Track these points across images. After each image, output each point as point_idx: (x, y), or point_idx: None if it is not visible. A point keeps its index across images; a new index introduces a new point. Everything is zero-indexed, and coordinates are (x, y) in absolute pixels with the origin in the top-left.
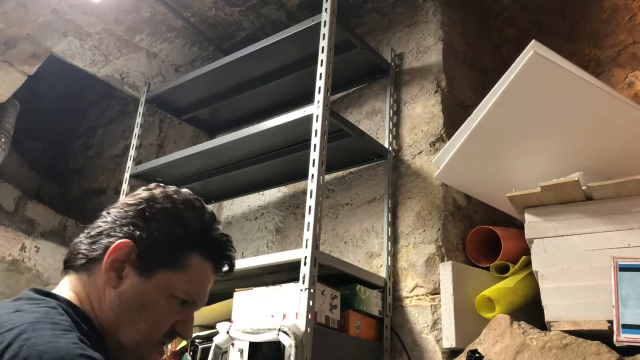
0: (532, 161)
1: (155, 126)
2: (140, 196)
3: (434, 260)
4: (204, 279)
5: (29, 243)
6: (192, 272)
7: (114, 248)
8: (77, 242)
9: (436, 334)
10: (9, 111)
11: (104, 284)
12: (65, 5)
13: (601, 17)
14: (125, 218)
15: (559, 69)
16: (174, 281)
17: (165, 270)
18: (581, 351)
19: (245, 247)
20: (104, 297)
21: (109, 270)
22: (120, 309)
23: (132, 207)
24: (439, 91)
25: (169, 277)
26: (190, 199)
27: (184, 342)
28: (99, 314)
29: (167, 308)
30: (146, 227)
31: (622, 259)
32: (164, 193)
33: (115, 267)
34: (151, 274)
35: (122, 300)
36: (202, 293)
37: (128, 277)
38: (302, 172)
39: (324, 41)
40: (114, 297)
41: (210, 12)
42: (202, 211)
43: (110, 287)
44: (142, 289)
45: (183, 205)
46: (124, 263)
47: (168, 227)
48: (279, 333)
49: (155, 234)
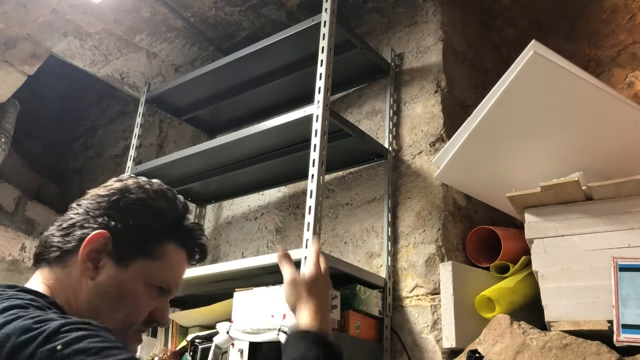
0: (532, 161)
1: (155, 126)
2: (113, 187)
3: (434, 260)
4: (179, 267)
5: (29, 243)
6: (168, 260)
7: (90, 239)
8: (48, 234)
9: (436, 334)
10: (9, 111)
11: (80, 275)
12: (65, 5)
13: (601, 17)
14: (98, 209)
15: (559, 69)
16: (151, 270)
17: (141, 260)
18: (581, 351)
19: (245, 247)
20: (79, 289)
21: (86, 262)
22: (99, 300)
23: (104, 198)
24: (439, 91)
25: (145, 266)
26: (163, 189)
27: (184, 342)
28: (74, 307)
29: (146, 296)
30: (121, 218)
31: (622, 259)
32: (137, 184)
33: (92, 258)
34: (128, 263)
35: (100, 291)
36: (178, 281)
37: (105, 268)
38: (302, 172)
39: (324, 41)
40: (92, 288)
41: (210, 12)
42: (175, 201)
43: (87, 278)
44: (120, 279)
45: (156, 195)
46: (100, 254)
47: (143, 217)
48: (279, 333)
49: (131, 224)
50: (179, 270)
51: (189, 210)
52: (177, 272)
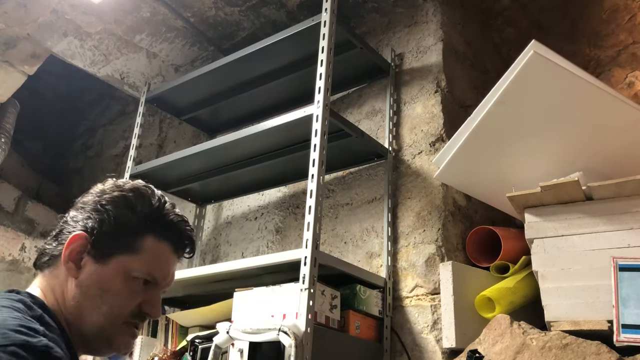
0: (532, 161)
1: (155, 126)
2: (92, 191)
3: (434, 260)
4: (163, 259)
5: (29, 243)
6: (147, 253)
7: (69, 241)
8: (43, 244)
9: (436, 334)
10: (9, 111)
11: (66, 276)
12: (65, 5)
13: (601, 17)
14: (82, 213)
15: (559, 69)
16: (130, 263)
17: (120, 255)
18: (581, 351)
19: (245, 247)
20: (66, 288)
21: (68, 262)
22: (82, 297)
23: (86, 203)
24: (439, 91)
25: (124, 260)
26: (137, 186)
27: (184, 342)
28: (62, 307)
29: (128, 289)
30: (98, 217)
31: (622, 259)
32: (113, 184)
33: (74, 258)
34: (107, 259)
35: (82, 288)
36: (163, 272)
37: (86, 266)
38: (302, 172)
39: (324, 41)
40: (75, 286)
41: (210, 12)
42: (150, 196)
43: (72, 277)
44: (100, 274)
45: (131, 193)
46: (81, 254)
47: (118, 214)
48: (279, 333)
49: (106, 222)
50: (162, 262)
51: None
52: (161, 264)
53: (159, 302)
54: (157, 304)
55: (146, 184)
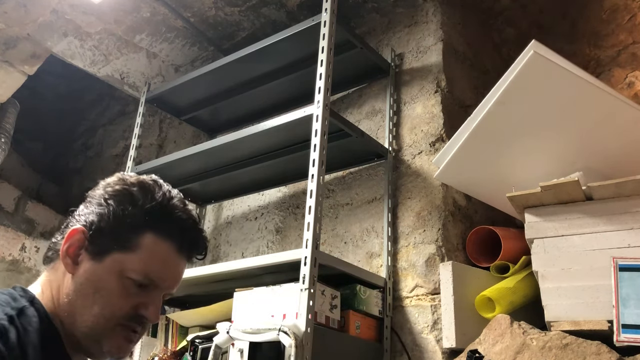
0: (532, 161)
1: (155, 126)
2: (100, 185)
3: (434, 260)
4: (163, 259)
5: (29, 243)
6: (145, 252)
7: (67, 235)
8: (52, 240)
9: (436, 334)
10: (9, 111)
11: (63, 271)
12: (65, 5)
13: (601, 17)
14: (87, 208)
15: (559, 69)
16: (126, 262)
17: (116, 252)
18: (581, 351)
19: (245, 247)
20: (62, 285)
21: (65, 257)
22: (75, 295)
23: (93, 197)
24: (439, 91)
25: (120, 258)
26: (142, 180)
27: (184, 342)
28: (56, 303)
29: (121, 290)
30: (99, 212)
31: (622, 259)
32: (117, 177)
33: (71, 254)
34: (102, 256)
35: (76, 285)
36: (163, 274)
37: (83, 262)
38: (302, 172)
39: (324, 41)
40: (70, 282)
41: (210, 12)
42: (155, 190)
43: (68, 273)
44: (95, 272)
45: (134, 187)
46: (79, 249)
47: (118, 209)
48: (279, 333)
49: (105, 218)
50: (163, 263)
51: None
52: (161, 264)
53: (158, 305)
54: (155, 307)
55: (156, 178)
